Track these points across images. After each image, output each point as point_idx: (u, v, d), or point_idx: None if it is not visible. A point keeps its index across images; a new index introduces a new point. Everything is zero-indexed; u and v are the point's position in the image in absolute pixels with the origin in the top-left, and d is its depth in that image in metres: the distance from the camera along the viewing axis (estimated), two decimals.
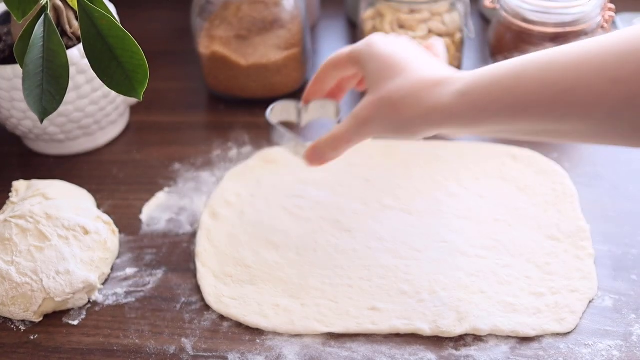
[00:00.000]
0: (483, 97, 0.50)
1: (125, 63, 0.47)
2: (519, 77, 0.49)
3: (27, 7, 0.45)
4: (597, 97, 0.45)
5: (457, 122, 0.53)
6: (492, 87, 0.50)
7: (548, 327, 0.57)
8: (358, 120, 0.57)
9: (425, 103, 0.53)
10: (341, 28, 0.98)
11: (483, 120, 0.51)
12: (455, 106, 0.52)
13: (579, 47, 0.47)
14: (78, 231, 0.63)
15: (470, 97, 0.51)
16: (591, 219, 0.67)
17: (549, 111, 0.48)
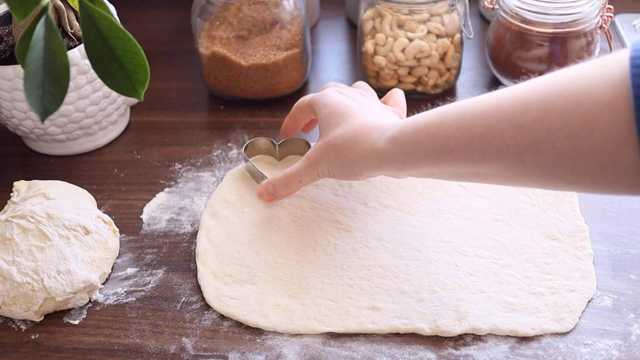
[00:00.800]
0: (411, 142, 0.55)
1: (126, 63, 0.47)
2: (442, 123, 0.53)
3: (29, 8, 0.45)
4: (506, 142, 0.49)
5: (391, 165, 0.58)
6: (419, 133, 0.55)
7: (547, 327, 0.58)
8: (309, 161, 0.64)
9: (363, 147, 0.59)
10: (341, 28, 0.98)
11: (413, 163, 0.56)
12: (388, 150, 0.57)
13: (495, 95, 0.51)
14: (79, 231, 0.63)
15: (400, 142, 0.56)
16: (590, 218, 0.67)
17: (467, 155, 0.51)
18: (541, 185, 0.51)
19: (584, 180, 0.47)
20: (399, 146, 0.56)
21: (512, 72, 0.80)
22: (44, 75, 0.44)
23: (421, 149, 0.54)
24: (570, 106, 0.45)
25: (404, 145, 0.56)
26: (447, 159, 0.53)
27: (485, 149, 0.50)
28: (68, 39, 0.72)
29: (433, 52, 0.78)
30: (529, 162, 0.48)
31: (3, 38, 0.75)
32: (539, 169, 0.49)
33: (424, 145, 0.54)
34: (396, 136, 0.56)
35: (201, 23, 0.80)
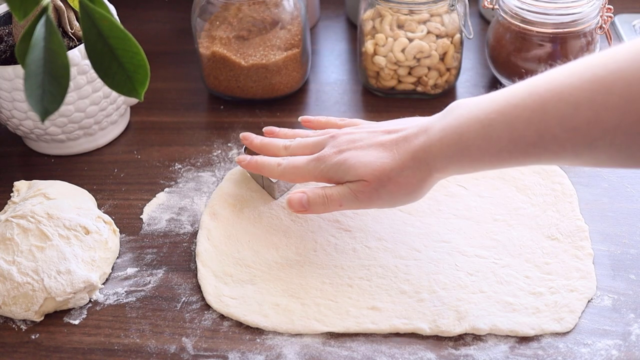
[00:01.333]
0: (466, 159, 0.55)
1: (126, 63, 0.47)
2: (490, 138, 0.53)
3: (29, 8, 0.45)
4: (561, 145, 0.50)
5: (455, 173, 0.58)
6: (470, 149, 0.54)
7: (547, 327, 0.58)
8: (357, 197, 0.60)
9: (423, 170, 0.57)
10: (341, 28, 0.98)
11: (473, 171, 0.56)
12: (447, 166, 0.56)
13: (539, 96, 0.50)
14: (79, 231, 0.63)
15: (456, 159, 0.55)
16: (590, 218, 0.67)
17: (522, 160, 0.53)
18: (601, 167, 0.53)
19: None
20: (455, 163, 0.55)
21: (512, 72, 0.80)
22: (44, 75, 0.44)
23: (477, 162, 0.55)
24: (623, 104, 0.45)
25: (460, 161, 0.55)
26: (502, 164, 0.54)
27: (541, 153, 0.51)
28: (68, 39, 0.72)
29: (433, 52, 0.78)
30: (586, 157, 0.50)
31: (3, 38, 0.75)
32: (595, 161, 0.50)
33: (479, 160, 0.54)
34: (449, 154, 0.55)
35: (201, 23, 0.80)
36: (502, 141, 0.52)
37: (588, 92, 0.47)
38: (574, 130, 0.48)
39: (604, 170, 0.72)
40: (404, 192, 0.59)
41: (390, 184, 0.58)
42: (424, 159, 0.57)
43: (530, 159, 0.52)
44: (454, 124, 0.55)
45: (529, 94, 0.51)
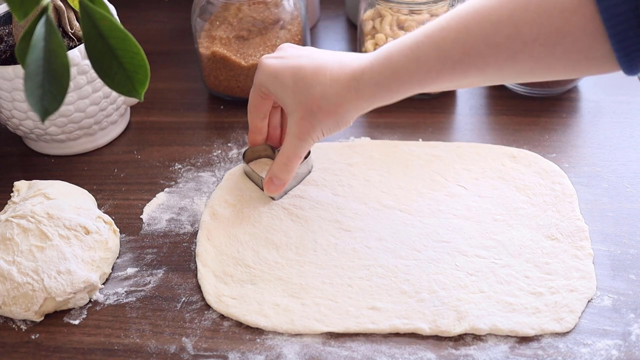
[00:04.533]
0: (395, 82, 0.58)
1: (126, 64, 0.47)
2: (418, 59, 0.56)
3: (29, 8, 0.45)
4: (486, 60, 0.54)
5: (380, 102, 0.61)
6: (399, 72, 0.58)
7: (547, 327, 0.58)
8: (299, 137, 0.64)
9: (350, 100, 0.61)
10: (341, 28, 0.98)
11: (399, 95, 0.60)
12: (376, 94, 0.60)
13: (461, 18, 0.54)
14: (79, 231, 0.63)
15: (385, 84, 0.59)
16: (590, 218, 0.67)
17: (450, 77, 0.56)
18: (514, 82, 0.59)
19: (560, 75, 0.55)
20: (385, 87, 0.59)
21: None
22: (44, 75, 0.44)
23: (406, 85, 0.58)
24: (539, 19, 0.50)
25: (388, 86, 0.59)
26: (430, 84, 0.58)
27: (467, 70, 0.55)
28: (68, 39, 0.72)
29: None
30: (509, 70, 0.54)
31: (3, 38, 0.75)
32: (516, 74, 0.55)
33: (408, 82, 0.58)
34: (378, 80, 0.59)
35: (201, 23, 0.80)
36: (430, 61, 0.56)
37: (507, 10, 0.52)
38: (497, 46, 0.53)
39: (604, 170, 0.72)
40: (332, 120, 0.62)
41: (320, 112, 0.62)
42: (353, 86, 0.60)
43: (456, 77, 0.56)
44: (384, 53, 0.59)
45: (453, 18, 0.55)
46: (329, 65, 0.61)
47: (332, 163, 0.74)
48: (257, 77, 0.66)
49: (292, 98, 0.63)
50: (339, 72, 0.61)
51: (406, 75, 0.57)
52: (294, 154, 0.65)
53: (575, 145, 0.76)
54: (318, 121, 0.62)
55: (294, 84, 0.62)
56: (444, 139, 0.77)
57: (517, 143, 0.76)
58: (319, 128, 0.63)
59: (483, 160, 0.73)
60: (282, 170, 0.66)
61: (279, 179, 0.67)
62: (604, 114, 0.80)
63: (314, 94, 0.61)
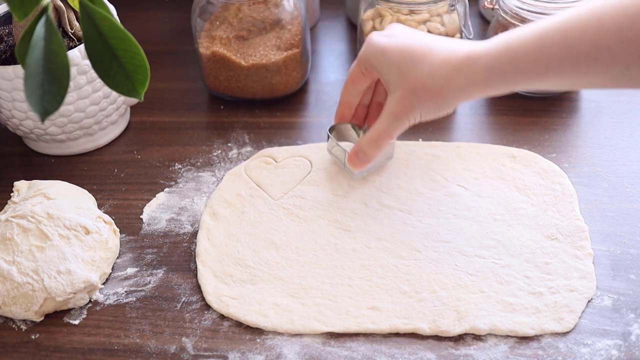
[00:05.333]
0: (512, 68, 0.55)
1: (126, 64, 0.47)
2: (542, 47, 0.53)
3: (29, 8, 0.45)
4: (614, 56, 0.50)
5: (492, 92, 0.58)
6: (517, 58, 0.54)
7: (547, 327, 0.58)
8: (396, 115, 0.62)
9: (458, 83, 0.58)
10: (341, 28, 0.98)
11: (514, 85, 0.57)
12: (487, 80, 0.56)
13: (592, 11, 0.51)
14: (79, 231, 0.63)
15: (500, 70, 0.56)
16: (590, 218, 0.67)
17: (571, 72, 0.53)
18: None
19: None
20: (499, 74, 0.56)
21: None
22: (44, 75, 0.44)
23: (523, 73, 0.55)
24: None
25: (504, 73, 0.55)
26: (550, 77, 0.54)
27: (592, 64, 0.51)
28: (68, 39, 0.72)
29: None
30: (637, 71, 0.50)
31: (3, 38, 0.75)
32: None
33: (527, 69, 0.54)
34: (493, 66, 0.56)
35: (201, 23, 0.80)
36: (553, 51, 0.52)
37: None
38: (629, 42, 0.49)
39: (604, 170, 0.72)
40: (434, 102, 0.59)
41: (423, 91, 0.59)
42: (464, 69, 0.57)
43: (577, 72, 0.52)
44: (502, 39, 0.56)
45: (584, 9, 0.52)
46: (440, 47, 0.59)
47: (333, 163, 0.74)
48: (363, 52, 0.64)
49: (397, 76, 0.61)
50: (450, 53, 0.58)
51: (526, 63, 0.54)
52: (386, 132, 0.63)
53: (575, 145, 0.76)
54: (419, 101, 0.60)
55: (400, 61, 0.60)
56: (444, 139, 0.77)
57: (517, 143, 0.76)
58: (419, 109, 0.61)
59: (483, 160, 0.73)
60: (371, 146, 0.65)
61: (365, 154, 0.66)
62: (604, 114, 0.80)
63: (421, 72, 0.59)
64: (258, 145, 0.78)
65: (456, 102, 0.60)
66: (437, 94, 0.59)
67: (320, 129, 0.80)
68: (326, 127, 0.73)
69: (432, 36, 0.62)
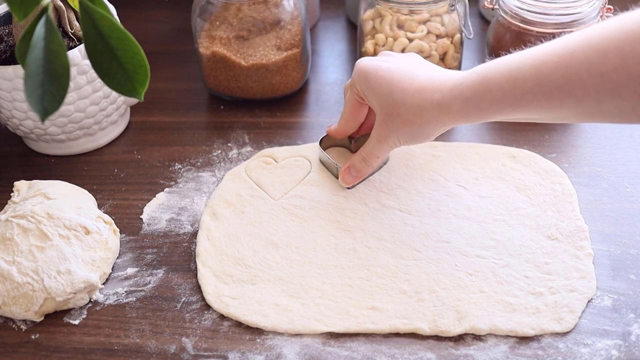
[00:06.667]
0: (484, 100, 0.56)
1: (126, 64, 0.47)
2: (515, 80, 0.54)
3: (29, 8, 0.45)
4: (585, 90, 0.51)
5: (465, 121, 0.59)
6: (491, 91, 0.55)
7: (547, 327, 0.58)
8: (378, 139, 0.65)
9: (431, 111, 0.59)
10: (341, 28, 0.98)
11: (488, 116, 0.57)
12: (461, 110, 0.57)
13: (565, 44, 0.52)
14: (79, 231, 0.63)
15: (473, 101, 0.57)
16: (590, 218, 0.67)
17: (545, 105, 0.54)
18: (615, 122, 0.54)
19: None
20: (473, 104, 0.57)
21: None
22: (44, 75, 0.44)
23: (496, 105, 0.56)
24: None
25: (477, 103, 0.56)
26: (523, 110, 0.55)
27: (565, 98, 0.52)
28: (68, 39, 0.72)
29: (433, 52, 0.78)
30: (608, 105, 0.51)
31: (3, 38, 0.75)
32: (617, 110, 0.51)
33: (500, 102, 0.55)
34: (468, 96, 0.57)
35: (201, 23, 0.80)
36: (527, 83, 0.53)
37: (617, 41, 0.49)
38: (601, 76, 0.50)
39: (604, 170, 0.72)
40: (408, 129, 0.61)
41: (398, 119, 0.60)
42: (437, 100, 0.58)
43: (551, 104, 0.53)
44: (477, 71, 0.57)
45: (557, 43, 0.53)
46: (417, 75, 0.61)
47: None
48: (353, 77, 0.66)
49: (377, 100, 0.63)
50: (426, 83, 0.60)
51: (499, 94, 0.55)
52: (372, 153, 0.66)
53: (575, 145, 0.76)
54: (395, 127, 0.62)
55: (379, 87, 0.62)
56: (444, 139, 0.77)
57: (517, 143, 0.76)
58: (395, 135, 0.63)
59: (483, 160, 0.73)
60: (361, 164, 0.68)
61: (357, 171, 0.68)
62: None
63: (395, 99, 0.61)
64: (258, 145, 0.78)
65: (432, 131, 0.61)
66: (411, 122, 0.60)
67: (320, 129, 0.80)
68: (326, 127, 0.73)
69: (416, 62, 0.64)
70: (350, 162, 0.69)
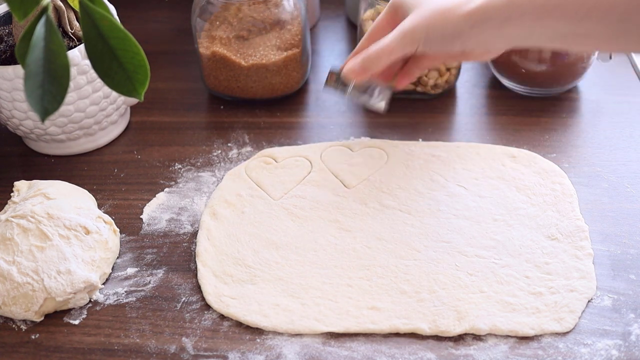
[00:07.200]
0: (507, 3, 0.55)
1: (126, 64, 0.47)
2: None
3: (29, 8, 0.45)
4: (612, 2, 0.51)
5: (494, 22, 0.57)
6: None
7: (547, 327, 0.58)
8: (404, 30, 0.61)
9: (467, 6, 0.57)
10: (341, 28, 0.98)
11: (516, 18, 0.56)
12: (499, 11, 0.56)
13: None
14: (79, 231, 0.63)
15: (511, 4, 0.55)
16: (590, 218, 0.67)
17: (572, 13, 0.53)
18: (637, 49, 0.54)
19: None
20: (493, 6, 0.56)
21: (512, 72, 0.80)
22: (44, 75, 0.44)
23: (527, 4, 0.55)
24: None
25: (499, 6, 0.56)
26: (551, 15, 0.54)
27: (592, 7, 0.52)
28: (68, 39, 0.72)
29: None
30: (632, 22, 0.51)
31: (3, 38, 0.75)
32: (626, 36, 0.52)
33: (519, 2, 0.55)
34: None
35: (201, 23, 0.80)
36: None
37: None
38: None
39: (604, 170, 0.72)
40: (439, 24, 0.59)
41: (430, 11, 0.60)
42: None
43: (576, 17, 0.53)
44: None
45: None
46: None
47: (333, 163, 0.74)
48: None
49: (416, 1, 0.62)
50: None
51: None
52: (389, 46, 0.62)
53: (575, 145, 0.76)
54: (426, 19, 0.60)
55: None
56: (444, 139, 0.77)
57: (517, 143, 0.76)
58: (424, 28, 0.60)
59: (483, 160, 0.73)
60: (371, 56, 0.64)
61: (363, 61, 0.64)
62: (604, 114, 0.80)
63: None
64: (258, 145, 0.78)
65: (460, 29, 0.59)
66: (444, 14, 0.59)
67: (320, 129, 0.80)
68: (326, 127, 0.73)
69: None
70: (360, 54, 0.64)
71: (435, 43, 0.61)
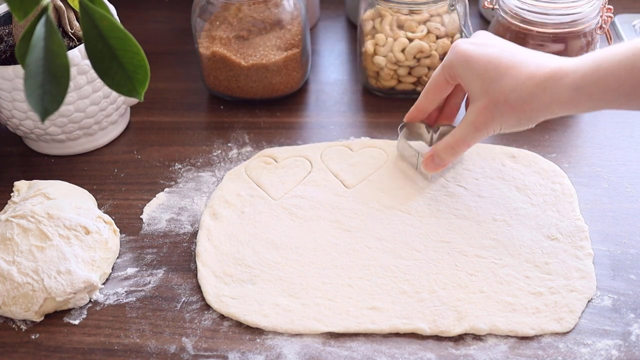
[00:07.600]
0: (598, 90, 0.55)
1: (126, 64, 0.47)
2: (632, 68, 0.53)
3: (29, 8, 0.45)
4: None
5: (576, 111, 0.58)
6: (606, 79, 0.55)
7: (547, 327, 0.58)
8: (476, 126, 0.62)
9: (542, 100, 0.58)
10: (341, 28, 0.98)
11: (600, 107, 0.57)
12: (573, 99, 0.57)
13: None
14: (79, 231, 0.63)
15: (586, 90, 0.56)
16: (590, 218, 0.67)
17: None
18: None
19: None
20: (586, 94, 0.56)
21: None
22: (44, 75, 0.44)
23: (610, 94, 0.55)
24: None
25: (591, 93, 0.55)
26: (635, 100, 0.54)
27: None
28: (68, 39, 0.72)
29: (433, 52, 0.78)
30: None
31: (3, 38, 0.75)
32: None
33: (615, 91, 0.55)
34: (580, 85, 0.56)
35: (201, 23, 0.80)
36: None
37: None
38: None
39: (604, 170, 0.72)
40: (515, 116, 0.60)
41: (505, 105, 0.59)
42: (549, 87, 0.57)
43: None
44: (590, 57, 0.56)
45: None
46: (527, 60, 0.59)
47: (332, 163, 0.74)
48: (448, 59, 0.64)
49: (480, 86, 0.61)
50: (537, 69, 0.58)
51: (614, 83, 0.54)
52: (463, 141, 0.64)
53: (575, 145, 0.76)
54: (500, 115, 0.60)
55: (485, 71, 0.61)
56: None
57: (517, 143, 0.76)
58: (499, 121, 0.61)
59: (483, 160, 0.73)
60: (447, 152, 0.66)
61: (441, 159, 0.66)
62: (604, 114, 0.80)
63: (505, 85, 0.59)
64: (258, 145, 0.78)
65: (539, 118, 0.60)
66: (520, 109, 0.59)
67: (320, 129, 0.80)
68: (326, 127, 0.73)
69: (519, 47, 0.62)
70: (435, 149, 0.66)
71: (512, 129, 0.62)
